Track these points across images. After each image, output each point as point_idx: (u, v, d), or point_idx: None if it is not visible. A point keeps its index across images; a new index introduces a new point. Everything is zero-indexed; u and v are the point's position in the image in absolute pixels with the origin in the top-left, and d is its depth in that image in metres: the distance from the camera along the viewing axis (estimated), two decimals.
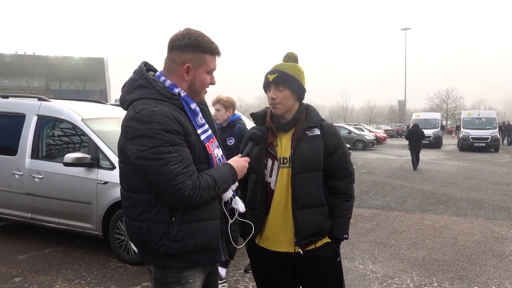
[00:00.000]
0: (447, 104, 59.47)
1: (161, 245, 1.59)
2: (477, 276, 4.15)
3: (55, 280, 3.91)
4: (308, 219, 1.97)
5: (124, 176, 1.67)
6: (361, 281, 3.95)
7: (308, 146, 1.98)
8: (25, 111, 5.09)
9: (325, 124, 2.06)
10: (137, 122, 1.54)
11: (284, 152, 2.02)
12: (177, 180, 1.50)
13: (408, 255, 4.78)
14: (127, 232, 1.73)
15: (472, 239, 5.45)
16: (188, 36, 1.64)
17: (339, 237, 2.05)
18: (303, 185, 1.96)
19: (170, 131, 1.52)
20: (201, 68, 1.68)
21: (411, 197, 8.49)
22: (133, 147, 1.54)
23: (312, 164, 1.98)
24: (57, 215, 4.68)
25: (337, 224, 2.04)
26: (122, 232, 4.37)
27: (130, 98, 1.64)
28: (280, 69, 2.00)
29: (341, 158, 2.05)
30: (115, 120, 5.31)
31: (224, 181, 1.65)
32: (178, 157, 1.52)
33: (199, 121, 1.69)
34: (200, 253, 1.64)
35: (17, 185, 4.86)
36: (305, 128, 2.01)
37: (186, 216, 1.59)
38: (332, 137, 2.03)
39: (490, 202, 8.05)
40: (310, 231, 1.98)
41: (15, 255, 4.60)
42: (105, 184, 4.38)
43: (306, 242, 1.99)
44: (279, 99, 1.98)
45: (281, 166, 2.00)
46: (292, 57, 2.07)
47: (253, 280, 3.92)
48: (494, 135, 22.95)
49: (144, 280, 3.91)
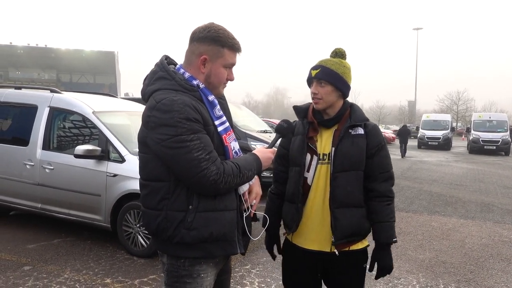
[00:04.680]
0: (457, 106, 58.86)
1: (178, 233, 1.60)
2: (484, 279, 4.12)
3: (64, 270, 3.97)
4: (347, 218, 1.93)
5: (143, 166, 1.69)
6: (367, 281, 3.92)
7: (350, 145, 1.93)
8: (38, 102, 5.15)
9: (370, 123, 2.01)
10: (158, 111, 1.55)
11: (324, 148, 1.98)
12: (201, 166, 1.52)
13: (414, 256, 4.76)
14: (143, 222, 1.75)
15: (480, 242, 5.40)
16: (208, 29, 1.67)
17: (389, 241, 1.99)
18: (344, 184, 1.92)
19: (191, 119, 1.54)
20: (218, 61, 1.68)
21: (419, 199, 8.44)
22: (155, 137, 1.56)
23: (354, 164, 1.94)
24: (67, 206, 4.74)
25: (385, 229, 1.98)
26: (130, 224, 4.41)
27: (151, 89, 1.67)
28: (324, 64, 1.97)
29: (383, 159, 2.00)
30: (125, 114, 5.36)
31: (249, 170, 1.66)
32: (200, 144, 1.54)
33: (217, 112, 1.70)
34: (215, 243, 1.65)
35: (28, 176, 4.93)
36: (348, 126, 1.96)
37: (201, 205, 1.60)
38: (376, 137, 1.98)
39: (499, 205, 7.97)
40: (348, 231, 1.94)
41: (24, 244, 4.68)
42: (115, 176, 4.42)
43: (343, 242, 1.95)
44: (320, 94, 1.95)
45: (320, 162, 1.97)
46: (339, 53, 2.02)
47: (258, 276, 3.96)
48: (505, 138, 22.66)
49: (151, 273, 3.94)
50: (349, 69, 2.01)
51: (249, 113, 10.46)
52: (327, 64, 1.97)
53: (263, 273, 4.06)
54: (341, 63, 1.98)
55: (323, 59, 2.02)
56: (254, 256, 4.50)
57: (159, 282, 3.73)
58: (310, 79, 2.00)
